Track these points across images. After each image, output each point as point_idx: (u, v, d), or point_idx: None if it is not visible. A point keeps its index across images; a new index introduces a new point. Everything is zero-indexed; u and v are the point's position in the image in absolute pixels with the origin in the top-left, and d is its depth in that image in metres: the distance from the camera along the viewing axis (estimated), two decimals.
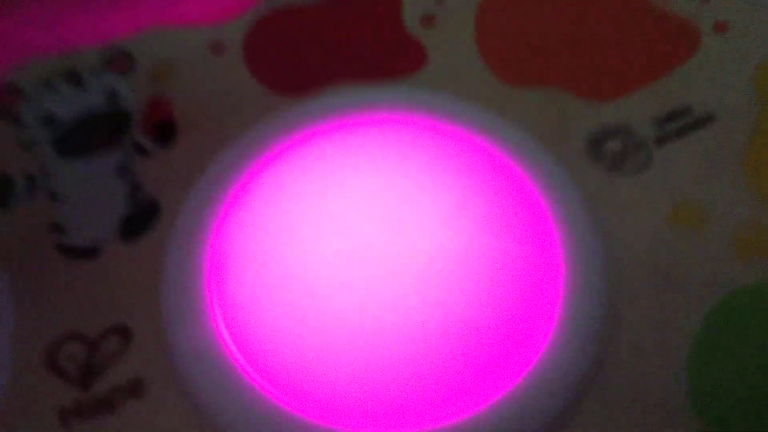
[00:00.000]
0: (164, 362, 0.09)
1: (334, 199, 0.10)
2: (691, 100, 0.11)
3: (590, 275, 0.09)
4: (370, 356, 0.08)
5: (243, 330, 0.09)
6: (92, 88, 0.12)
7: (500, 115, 0.11)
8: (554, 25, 0.12)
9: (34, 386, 0.09)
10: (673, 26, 0.12)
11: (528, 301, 0.09)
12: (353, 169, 0.10)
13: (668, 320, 0.09)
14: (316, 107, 0.11)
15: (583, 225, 0.09)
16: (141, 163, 0.11)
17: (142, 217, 0.10)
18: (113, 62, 0.12)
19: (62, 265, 0.10)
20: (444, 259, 0.09)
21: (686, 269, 0.09)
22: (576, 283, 0.09)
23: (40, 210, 0.10)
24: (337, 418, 0.08)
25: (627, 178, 0.10)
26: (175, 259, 0.09)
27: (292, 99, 0.12)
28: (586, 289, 0.09)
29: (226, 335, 0.09)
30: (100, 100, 0.12)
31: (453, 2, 0.13)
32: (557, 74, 0.12)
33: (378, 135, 0.11)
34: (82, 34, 0.11)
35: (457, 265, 0.09)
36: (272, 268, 0.09)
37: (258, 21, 0.13)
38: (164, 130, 0.11)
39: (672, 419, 0.08)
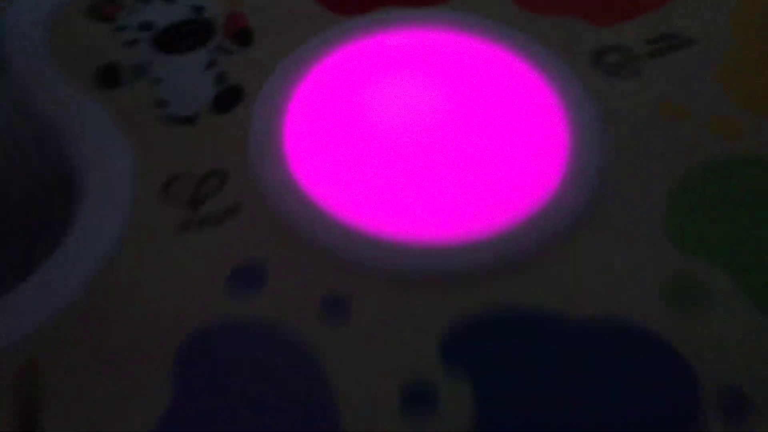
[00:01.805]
0: (253, 192, 0.13)
1: (390, 85, 0.14)
2: (678, 27, 0.16)
3: (588, 141, 0.13)
4: (413, 183, 0.13)
5: (310, 166, 0.13)
6: (181, 3, 0.16)
7: (519, 31, 0.16)
8: None
9: (152, 211, 0.13)
10: None
11: (545, 150, 0.13)
12: (404, 68, 0.15)
13: (650, 175, 0.13)
14: (371, 22, 0.16)
15: (584, 108, 0.14)
16: (225, 60, 0.15)
17: (230, 97, 0.14)
18: None
19: (167, 128, 0.14)
20: (477, 122, 0.14)
21: (668, 139, 0.14)
22: (577, 144, 0.13)
23: (146, 90, 0.15)
24: (385, 225, 0.12)
25: (622, 81, 0.15)
26: (259, 120, 0.14)
27: (346, 17, 0.16)
28: (585, 150, 0.13)
29: (296, 171, 0.13)
30: (187, 12, 0.16)
31: None
32: (569, 3, 0.16)
33: (423, 45, 0.15)
34: None
35: (488, 125, 0.14)
36: (336, 125, 0.14)
37: None
38: (244, 36, 0.16)
39: (651, 247, 0.12)
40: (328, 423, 0.11)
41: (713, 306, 0.12)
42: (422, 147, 0.14)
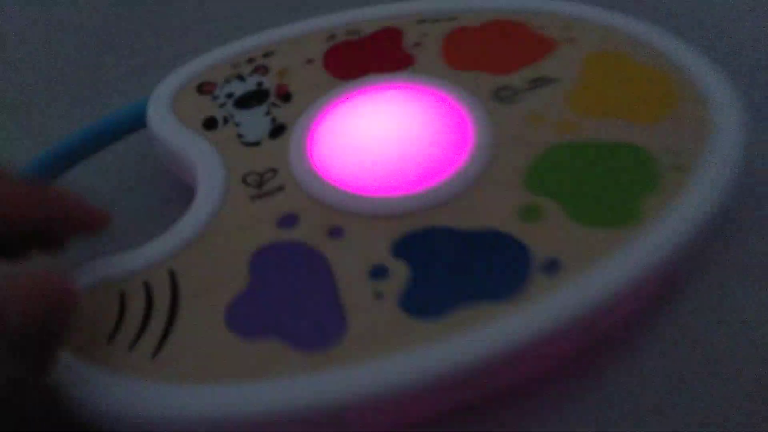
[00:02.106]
0: (291, 178, 0.22)
1: (368, 116, 0.23)
2: (547, 72, 0.24)
3: (483, 138, 0.22)
4: (385, 168, 0.21)
5: (321, 162, 0.22)
6: (249, 81, 0.26)
7: (447, 81, 0.24)
8: (480, 43, 0.26)
9: (237, 192, 0.22)
10: (543, 40, 0.26)
11: (457, 148, 0.22)
12: (378, 105, 0.24)
13: (519, 153, 0.21)
14: (358, 84, 0.25)
15: (483, 121, 0.22)
16: (275, 110, 0.24)
17: (278, 130, 0.24)
18: (258, 69, 0.26)
19: (245, 149, 0.23)
20: (417, 132, 0.22)
21: (531, 135, 0.22)
22: (478, 140, 0.22)
23: (231, 130, 0.24)
24: (365, 189, 0.21)
25: (511, 105, 0.23)
26: (294, 141, 0.23)
27: (345, 81, 0.25)
28: (482, 142, 0.22)
29: (313, 166, 0.22)
30: (253, 86, 0.26)
31: (430, 35, 0.27)
32: (482, 65, 0.25)
33: (387, 92, 0.24)
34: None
35: (423, 134, 0.22)
36: (336, 141, 0.23)
37: (329, 48, 0.27)
38: (286, 97, 0.25)
39: (514, 191, 0.20)
40: (327, 286, 0.19)
41: (548, 220, 0.20)
42: (388, 147, 0.22)
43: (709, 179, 0.20)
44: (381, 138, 0.23)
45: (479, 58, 0.26)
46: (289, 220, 0.21)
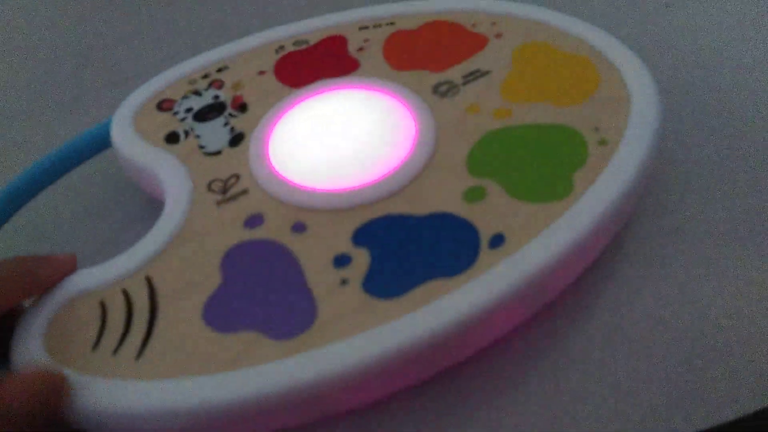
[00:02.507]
0: (253, 182, 0.22)
1: (317, 120, 0.23)
2: (480, 66, 0.25)
3: (426, 130, 0.22)
4: (338, 167, 0.22)
5: (280, 165, 0.22)
6: (205, 95, 0.26)
7: (390, 81, 0.25)
8: (419, 44, 0.26)
9: (203, 199, 0.22)
10: (475, 37, 0.26)
11: (402, 140, 0.22)
12: (328, 107, 0.24)
13: (459, 142, 0.22)
14: (308, 90, 0.25)
15: (424, 114, 0.23)
16: (233, 120, 0.24)
17: (237, 138, 0.24)
18: (214, 83, 0.26)
19: (206, 159, 0.23)
20: (365, 128, 0.23)
21: (469, 123, 0.22)
22: (421, 132, 0.22)
23: (193, 143, 0.24)
24: (321, 185, 0.21)
25: (449, 99, 0.24)
26: (253, 147, 0.23)
27: (296, 88, 0.25)
28: (425, 134, 0.22)
29: (273, 168, 0.22)
30: (210, 100, 0.26)
31: (372, 40, 0.27)
32: (421, 64, 0.25)
33: (336, 95, 0.24)
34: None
35: (370, 130, 0.23)
36: (292, 145, 0.23)
37: (278, 59, 0.27)
38: (242, 107, 0.25)
39: (460, 177, 0.21)
40: (297, 277, 0.19)
41: (490, 200, 0.20)
42: (339, 144, 0.23)
43: (630, 151, 0.21)
44: (333, 137, 0.23)
45: (418, 58, 0.26)
46: (254, 220, 0.21)
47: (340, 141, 0.23)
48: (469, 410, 0.20)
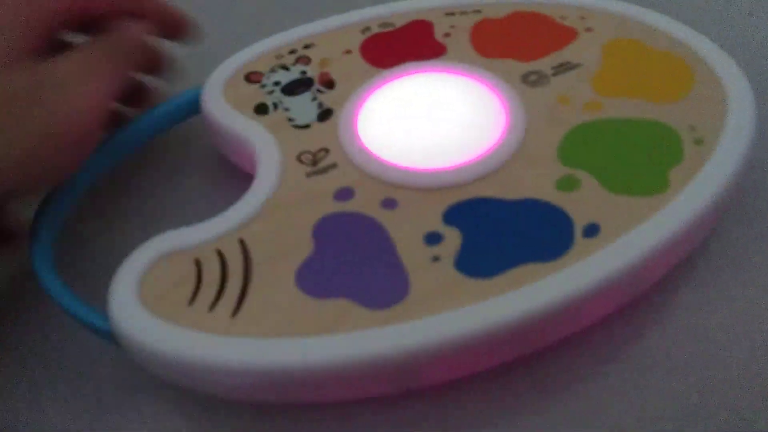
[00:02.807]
0: (343, 156, 0.22)
1: (408, 99, 0.23)
2: (570, 58, 0.25)
3: (517, 117, 0.22)
4: (428, 145, 0.22)
5: (370, 141, 0.22)
6: (293, 70, 0.26)
7: (479, 67, 0.24)
8: (507, 34, 0.26)
9: (293, 169, 0.22)
10: (565, 30, 0.26)
11: (493, 127, 0.22)
12: (416, 90, 0.24)
13: (551, 131, 0.22)
14: (396, 71, 0.25)
15: (515, 103, 0.23)
16: (321, 96, 0.24)
17: (326, 114, 0.24)
18: (300, 59, 0.26)
19: (296, 132, 0.23)
20: (455, 113, 0.23)
21: (560, 114, 0.22)
22: (511, 119, 0.22)
23: (282, 115, 0.24)
24: (413, 163, 0.21)
25: (539, 88, 0.24)
26: (343, 123, 0.23)
27: (383, 69, 0.25)
28: (516, 121, 0.22)
29: (362, 144, 0.22)
30: (298, 75, 0.26)
31: (458, 26, 0.27)
32: (509, 52, 0.25)
33: (424, 78, 0.24)
34: None
35: (460, 115, 0.22)
36: (381, 121, 0.23)
37: (364, 40, 0.27)
38: (329, 84, 0.25)
39: (551, 169, 0.21)
40: (389, 252, 0.19)
41: (583, 190, 0.20)
42: (430, 126, 0.23)
43: (728, 152, 0.21)
44: (422, 119, 0.23)
45: (506, 47, 0.26)
46: (344, 194, 0.21)
47: (429, 122, 0.23)
48: (548, 395, 0.20)
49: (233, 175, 0.25)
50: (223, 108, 0.25)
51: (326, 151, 0.23)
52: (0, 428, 0.21)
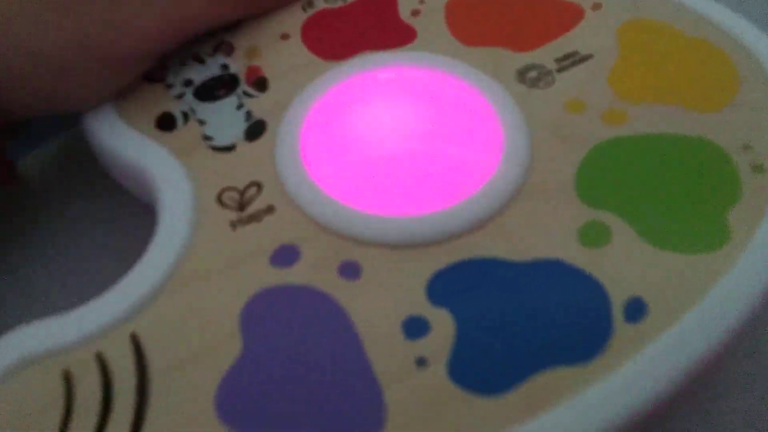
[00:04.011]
0: (282, 195, 0.15)
1: (367, 109, 0.16)
2: (578, 47, 0.18)
3: (517, 135, 0.16)
4: (397, 176, 0.15)
5: (321, 171, 0.15)
6: (210, 63, 0.18)
7: (462, 61, 0.18)
8: (493, 12, 0.19)
9: (212, 215, 0.15)
10: (567, 7, 0.19)
11: (485, 149, 0.15)
12: (380, 94, 0.17)
13: (561, 155, 0.15)
14: (351, 67, 0.18)
15: (511, 111, 0.16)
16: (249, 102, 0.17)
17: (257, 129, 0.16)
18: (221, 48, 0.19)
19: (214, 156, 0.16)
20: (437, 129, 0.16)
21: (574, 128, 0.16)
22: (510, 138, 0.15)
23: (195, 131, 0.17)
24: (379, 207, 0.14)
25: (540, 90, 0.17)
26: (281, 142, 0.16)
27: (335, 62, 0.18)
28: (516, 141, 0.15)
29: (312, 176, 0.15)
30: (217, 70, 0.18)
31: (430, 1, 0.20)
32: (497, 38, 0.18)
33: (390, 78, 0.17)
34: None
35: (445, 131, 0.16)
36: (338, 141, 0.16)
37: (307, 19, 0.19)
38: (260, 84, 0.18)
39: (568, 205, 0.15)
40: (353, 349, 0.13)
41: (615, 243, 0.14)
42: (400, 150, 0.16)
43: None
44: (391, 138, 0.16)
45: (493, 30, 0.19)
46: (285, 255, 0.14)
47: (400, 143, 0.16)
48: None
49: (136, 209, 0.18)
50: (108, 120, 0.17)
51: (258, 186, 0.16)
52: None
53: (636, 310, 0.13)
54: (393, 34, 0.19)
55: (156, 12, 0.16)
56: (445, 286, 0.14)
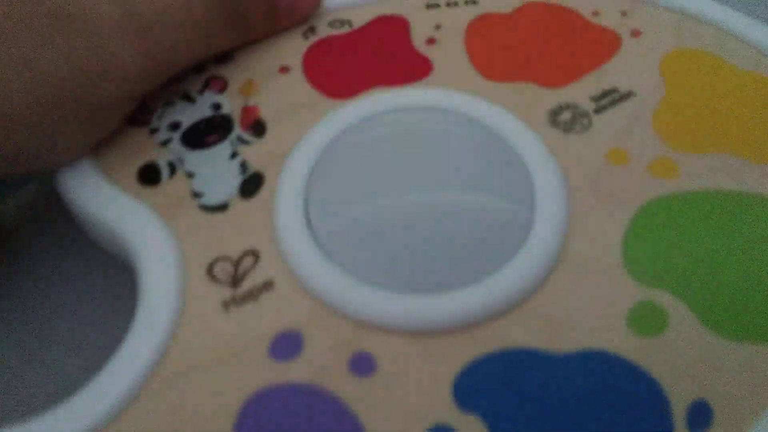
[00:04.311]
0: (282, 268, 0.13)
1: (380, 158, 0.14)
2: (617, 83, 0.16)
3: (552, 192, 0.13)
4: (418, 249, 0.13)
5: (331, 240, 0.13)
6: (200, 102, 0.16)
7: (486, 100, 0.15)
8: (518, 39, 0.17)
9: (200, 292, 0.13)
10: (601, 34, 0.17)
11: (515, 211, 0.13)
12: (394, 141, 0.15)
13: (605, 218, 0.13)
14: (361, 106, 0.16)
15: (546, 163, 0.14)
16: (245, 149, 0.15)
17: (253, 183, 0.14)
18: (211, 84, 0.16)
19: (204, 217, 0.14)
20: (455, 186, 0.14)
21: (617, 183, 0.14)
22: (543, 195, 0.13)
23: (181, 186, 0.14)
24: (399, 287, 0.12)
25: (575, 135, 0.15)
26: (282, 200, 0.14)
27: (342, 100, 0.16)
28: (550, 198, 0.13)
29: (322, 245, 0.13)
30: (208, 110, 0.16)
31: (447, 27, 0.17)
32: (524, 71, 0.16)
33: (405, 121, 0.15)
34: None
35: (463, 190, 0.14)
36: (350, 201, 0.14)
37: (309, 48, 0.17)
38: (257, 128, 0.15)
39: (613, 280, 0.13)
40: None
41: (673, 331, 0.12)
42: (418, 213, 0.14)
43: None
44: (408, 197, 0.14)
45: (520, 61, 0.17)
46: (286, 345, 0.12)
47: (418, 204, 0.14)
48: None
49: (116, 269, 0.16)
50: (83, 173, 0.15)
51: (255, 256, 0.14)
52: None
53: (700, 415, 0.11)
54: (406, 67, 0.17)
55: (135, 50, 0.14)
56: (475, 386, 0.11)
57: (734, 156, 0.14)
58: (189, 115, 0.16)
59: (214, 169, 0.15)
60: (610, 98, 0.16)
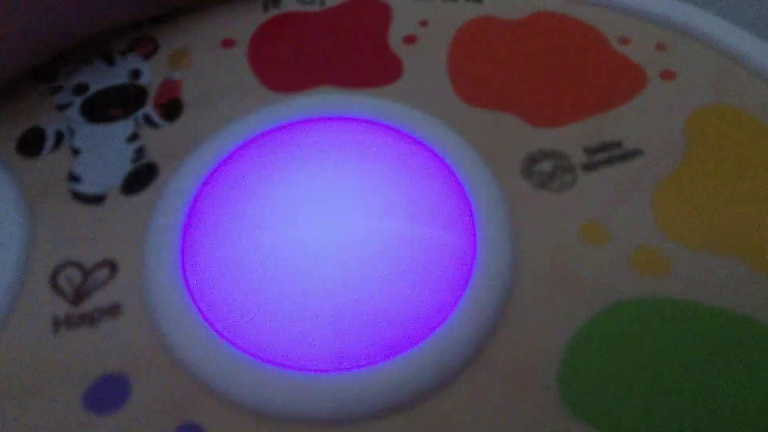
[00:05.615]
0: (137, 292, 0.10)
1: (301, 183, 0.11)
2: (624, 135, 0.12)
3: (499, 264, 0.10)
4: (303, 307, 0.10)
5: (202, 275, 0.10)
6: (120, 65, 0.14)
7: (450, 127, 0.12)
8: (516, 57, 0.14)
9: (36, 300, 0.10)
10: (624, 68, 0.13)
11: (444, 274, 0.10)
12: (316, 160, 0.12)
13: (555, 315, 0.10)
14: (298, 106, 0.13)
15: (500, 224, 0.11)
16: (148, 133, 0.12)
17: (142, 177, 0.12)
18: (140, 46, 0.14)
19: (73, 207, 0.11)
20: (380, 237, 0.11)
21: (587, 270, 0.10)
22: (485, 266, 0.10)
23: (62, 161, 0.12)
24: (271, 356, 0.10)
25: (550, 194, 0.12)
26: (160, 214, 0.11)
27: (282, 95, 0.13)
28: (493, 272, 0.10)
29: (188, 279, 0.10)
30: (123, 77, 0.13)
31: (434, 25, 0.14)
32: (509, 99, 0.13)
33: (340, 134, 0.12)
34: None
35: (390, 241, 0.11)
36: (239, 230, 0.11)
37: (264, 23, 0.14)
38: (171, 109, 0.13)
39: (540, 401, 0.10)
40: None
41: None
42: (323, 262, 0.11)
43: None
44: (322, 238, 0.11)
45: (507, 85, 0.13)
46: (107, 393, 0.10)
47: (331, 249, 0.11)
48: None
49: None
50: None
51: (112, 268, 0.11)
52: None
53: None
54: (371, 66, 0.13)
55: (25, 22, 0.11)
56: None
57: (743, 263, 0.11)
58: (100, 78, 0.13)
59: (104, 150, 0.12)
60: (608, 153, 0.12)
